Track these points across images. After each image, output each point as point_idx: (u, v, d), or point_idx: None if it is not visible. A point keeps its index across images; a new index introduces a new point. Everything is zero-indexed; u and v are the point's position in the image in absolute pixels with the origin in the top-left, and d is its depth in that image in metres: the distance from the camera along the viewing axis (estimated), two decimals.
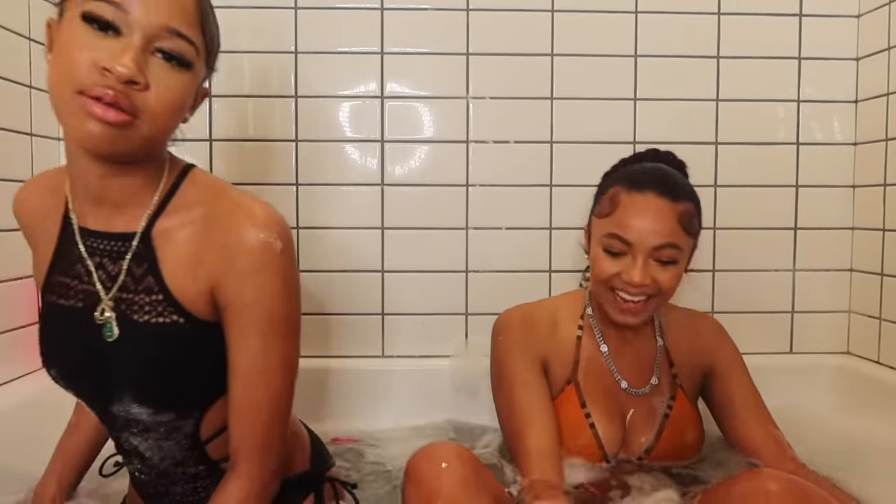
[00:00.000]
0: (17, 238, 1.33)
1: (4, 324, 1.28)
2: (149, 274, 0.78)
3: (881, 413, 1.40)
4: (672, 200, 1.02)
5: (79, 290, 0.80)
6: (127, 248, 0.78)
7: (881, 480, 1.17)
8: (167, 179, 0.81)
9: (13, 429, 1.16)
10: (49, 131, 1.46)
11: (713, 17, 1.56)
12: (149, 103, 0.71)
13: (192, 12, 0.74)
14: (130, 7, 0.69)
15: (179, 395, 0.80)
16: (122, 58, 0.68)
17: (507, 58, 1.53)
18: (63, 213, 0.82)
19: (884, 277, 1.49)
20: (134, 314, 0.78)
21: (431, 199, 1.54)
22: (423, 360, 1.54)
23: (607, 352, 1.13)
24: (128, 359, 0.78)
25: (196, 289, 0.78)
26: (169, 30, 0.71)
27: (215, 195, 0.80)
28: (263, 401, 0.80)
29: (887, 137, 1.48)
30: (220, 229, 0.77)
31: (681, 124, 1.56)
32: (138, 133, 0.71)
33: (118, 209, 0.79)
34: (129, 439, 0.85)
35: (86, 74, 0.68)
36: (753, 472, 0.85)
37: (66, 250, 0.81)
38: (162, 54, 0.71)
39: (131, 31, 0.69)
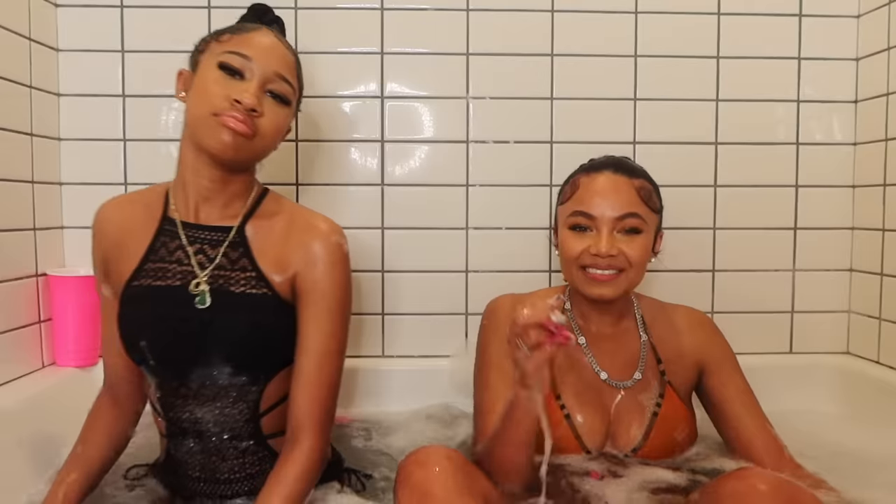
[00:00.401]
0: (17, 238, 1.34)
1: (4, 324, 1.28)
2: (243, 257, 1.00)
3: (881, 413, 1.41)
4: (629, 177, 1.10)
5: (177, 271, 0.99)
6: (224, 237, 1.01)
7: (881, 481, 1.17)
8: (255, 191, 1.06)
9: (13, 429, 1.16)
10: (49, 131, 1.46)
11: (713, 17, 1.56)
12: (262, 127, 0.96)
13: (293, 64, 1.02)
14: (254, 58, 0.96)
15: (259, 355, 0.98)
16: (247, 93, 0.94)
17: (507, 58, 1.53)
18: (160, 218, 1.03)
19: (884, 277, 1.49)
20: (231, 286, 0.98)
21: (431, 199, 1.54)
22: (423, 360, 1.54)
23: (585, 343, 1.14)
24: (223, 322, 0.96)
25: (281, 274, 1.00)
26: (278, 75, 0.98)
27: (292, 209, 1.06)
28: (326, 380, 0.99)
29: (887, 137, 1.48)
30: (302, 233, 1.01)
31: (681, 124, 1.56)
32: (253, 146, 0.97)
33: (220, 209, 1.02)
34: (193, 412, 0.99)
35: (220, 103, 0.93)
36: (743, 472, 0.85)
37: (163, 243, 1.01)
38: (271, 94, 0.98)
39: (253, 75, 0.96)
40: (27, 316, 1.35)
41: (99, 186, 1.50)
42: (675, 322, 1.19)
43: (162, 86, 1.50)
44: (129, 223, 1.03)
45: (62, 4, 1.48)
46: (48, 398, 1.28)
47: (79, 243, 1.50)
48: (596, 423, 1.09)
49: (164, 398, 1.00)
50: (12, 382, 1.29)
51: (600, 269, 1.07)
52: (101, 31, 1.49)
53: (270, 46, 0.99)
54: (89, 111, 1.50)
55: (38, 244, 1.40)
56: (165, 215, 1.03)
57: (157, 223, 1.03)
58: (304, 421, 0.97)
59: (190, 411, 0.99)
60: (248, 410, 1.00)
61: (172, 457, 1.03)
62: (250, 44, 0.97)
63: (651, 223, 1.11)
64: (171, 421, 1.01)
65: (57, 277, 1.39)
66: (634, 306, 1.19)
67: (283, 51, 1.00)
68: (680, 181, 1.57)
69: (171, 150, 1.51)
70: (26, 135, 1.37)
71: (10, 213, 1.32)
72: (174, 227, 1.02)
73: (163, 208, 1.04)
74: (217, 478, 1.01)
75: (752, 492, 0.80)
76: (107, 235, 1.04)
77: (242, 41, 0.97)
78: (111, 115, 1.50)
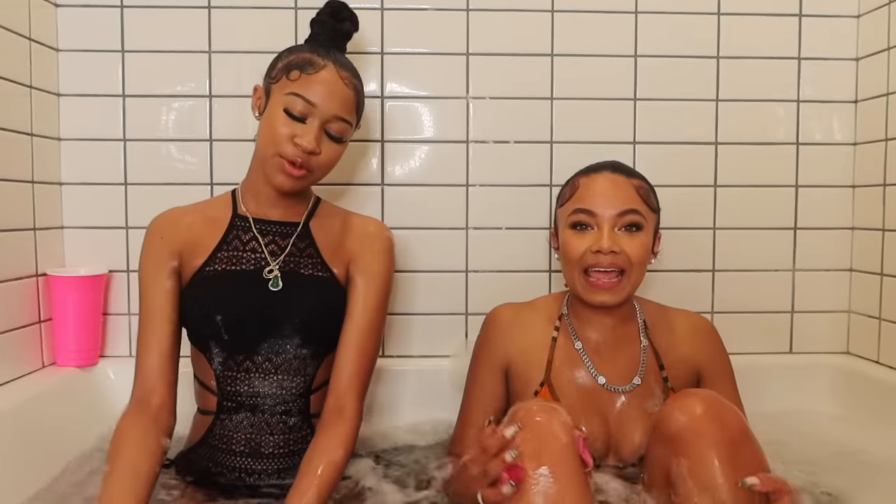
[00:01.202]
0: (17, 238, 1.34)
1: (4, 324, 1.28)
2: (310, 247, 1.15)
3: (881, 413, 1.41)
4: (627, 176, 1.12)
5: (251, 258, 1.12)
6: (292, 231, 1.16)
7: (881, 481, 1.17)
8: (313, 198, 1.22)
9: (13, 429, 1.16)
10: (49, 131, 1.46)
11: (713, 17, 1.56)
12: (319, 163, 1.10)
13: (352, 102, 1.12)
14: (316, 102, 1.07)
15: (323, 328, 1.11)
16: (308, 137, 1.07)
17: (507, 58, 1.53)
18: (231, 216, 1.16)
19: (884, 277, 1.49)
20: (301, 269, 1.13)
21: (431, 199, 1.55)
22: (423, 360, 1.54)
23: (582, 348, 1.14)
24: (295, 297, 1.10)
25: (338, 262, 1.15)
26: (336, 117, 1.09)
27: (345, 213, 1.22)
28: (369, 351, 1.12)
29: (887, 137, 1.48)
30: (357, 228, 1.19)
31: (681, 124, 1.56)
32: (310, 180, 1.12)
33: (286, 208, 1.16)
34: (253, 384, 1.09)
35: (284, 144, 1.07)
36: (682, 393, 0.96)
37: (235, 235, 1.14)
38: (329, 136, 1.10)
39: (314, 118, 1.08)
40: (27, 316, 1.35)
41: (99, 186, 1.50)
42: (677, 327, 1.19)
43: (162, 86, 1.50)
44: (196, 225, 1.15)
45: (62, 4, 1.48)
46: (48, 398, 1.28)
47: (79, 243, 1.50)
48: (596, 429, 1.08)
49: (225, 372, 1.09)
50: (12, 382, 1.29)
51: (603, 268, 1.07)
52: (101, 31, 1.48)
53: (332, 89, 1.09)
54: (89, 111, 1.50)
55: (38, 244, 1.40)
56: (236, 212, 1.16)
57: (229, 219, 1.15)
58: (348, 387, 1.08)
59: (249, 384, 1.09)
60: (304, 385, 1.11)
61: (216, 434, 1.10)
62: (313, 88, 1.07)
63: (650, 222, 1.12)
64: (227, 395, 1.09)
65: (57, 277, 1.39)
66: (637, 311, 1.19)
67: (343, 91, 1.10)
68: (680, 181, 1.57)
69: (171, 151, 1.51)
70: (26, 135, 1.37)
71: (10, 213, 1.32)
72: (246, 222, 1.15)
73: (232, 208, 1.17)
74: (261, 452, 1.08)
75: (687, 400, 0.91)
76: (177, 234, 1.13)
77: (307, 84, 1.07)
78: (111, 115, 1.50)
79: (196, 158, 1.51)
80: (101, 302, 1.46)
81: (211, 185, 1.51)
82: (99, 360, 1.46)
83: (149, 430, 1.02)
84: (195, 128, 1.51)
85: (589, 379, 1.12)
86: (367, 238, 1.17)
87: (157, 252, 1.12)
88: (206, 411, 1.12)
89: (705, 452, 0.85)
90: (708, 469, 0.84)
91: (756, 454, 0.87)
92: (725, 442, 0.85)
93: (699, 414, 0.88)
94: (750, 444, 0.87)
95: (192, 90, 1.50)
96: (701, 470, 0.85)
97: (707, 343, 1.19)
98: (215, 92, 1.51)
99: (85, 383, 1.39)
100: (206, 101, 1.51)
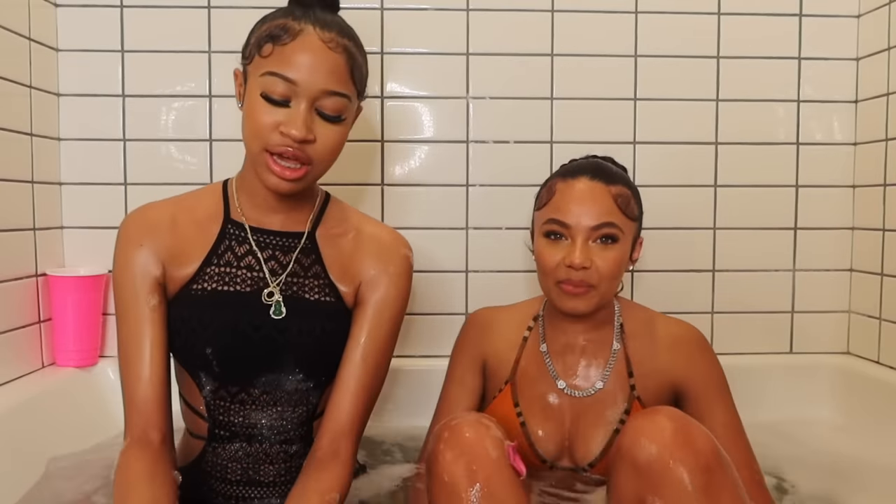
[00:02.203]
0: (16, 238, 1.33)
1: (4, 324, 1.28)
2: (316, 264, 0.99)
3: (881, 413, 1.41)
4: (606, 183, 1.05)
5: (246, 277, 0.97)
6: (296, 244, 0.99)
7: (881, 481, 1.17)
8: (320, 197, 1.04)
9: (13, 429, 1.16)
10: (49, 131, 1.46)
11: (713, 17, 1.56)
12: (317, 152, 0.91)
13: (344, 68, 0.91)
14: (297, 79, 0.88)
15: (329, 362, 0.98)
16: (296, 122, 0.88)
17: (507, 58, 1.53)
18: (221, 222, 0.99)
19: (884, 277, 1.49)
20: (305, 293, 0.98)
21: (431, 199, 1.54)
22: (423, 360, 1.54)
23: (546, 350, 1.13)
24: (301, 331, 0.95)
25: (347, 282, 1.00)
26: (326, 92, 0.89)
27: (359, 218, 1.06)
28: (371, 389, 0.98)
29: (887, 137, 1.48)
30: (371, 242, 1.02)
31: (681, 124, 1.56)
32: (310, 176, 0.93)
33: (288, 213, 1.00)
34: (249, 416, 0.97)
35: (269, 135, 0.88)
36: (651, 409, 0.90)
37: (228, 246, 0.98)
38: (322, 116, 0.91)
39: (299, 99, 0.88)
40: (27, 316, 1.35)
41: (99, 186, 1.50)
42: (658, 336, 1.12)
43: (162, 86, 1.50)
44: (181, 227, 0.98)
45: (62, 4, 1.48)
46: (48, 398, 1.28)
47: (78, 243, 1.50)
48: (551, 433, 1.07)
49: (217, 401, 0.97)
50: (12, 382, 1.29)
51: (573, 281, 1.03)
52: (101, 31, 1.48)
53: (314, 59, 0.88)
54: (89, 111, 1.49)
55: (38, 244, 1.40)
56: (229, 216, 0.99)
57: (220, 225, 0.98)
58: (346, 430, 0.95)
59: (245, 416, 0.97)
60: (306, 414, 1.00)
61: (209, 461, 0.99)
62: (291, 61, 0.88)
63: (628, 232, 1.06)
64: (219, 424, 0.98)
65: (57, 277, 1.39)
66: (615, 315, 1.14)
67: (328, 57, 0.89)
68: (680, 181, 1.57)
69: (171, 150, 1.51)
70: (26, 135, 1.37)
71: (10, 213, 1.32)
72: (242, 230, 0.98)
73: (223, 209, 0.99)
74: (260, 481, 0.98)
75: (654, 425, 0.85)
76: (158, 240, 0.96)
77: (283, 58, 0.88)
78: (111, 115, 1.50)
79: (196, 158, 1.51)
80: (101, 302, 1.46)
81: None
82: (99, 360, 1.46)
83: (157, 464, 0.89)
84: (195, 128, 1.51)
85: (549, 381, 1.10)
86: (383, 257, 1.01)
87: (137, 263, 0.95)
88: (197, 435, 1.00)
89: (681, 488, 0.80)
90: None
91: (730, 479, 0.83)
92: (700, 470, 0.81)
93: (669, 441, 0.82)
94: (724, 469, 0.83)
95: (192, 90, 1.50)
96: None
97: (689, 358, 1.09)
98: (215, 92, 1.51)
99: (85, 383, 1.39)
100: (206, 101, 1.51)
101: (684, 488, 0.80)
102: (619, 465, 0.87)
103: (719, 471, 0.82)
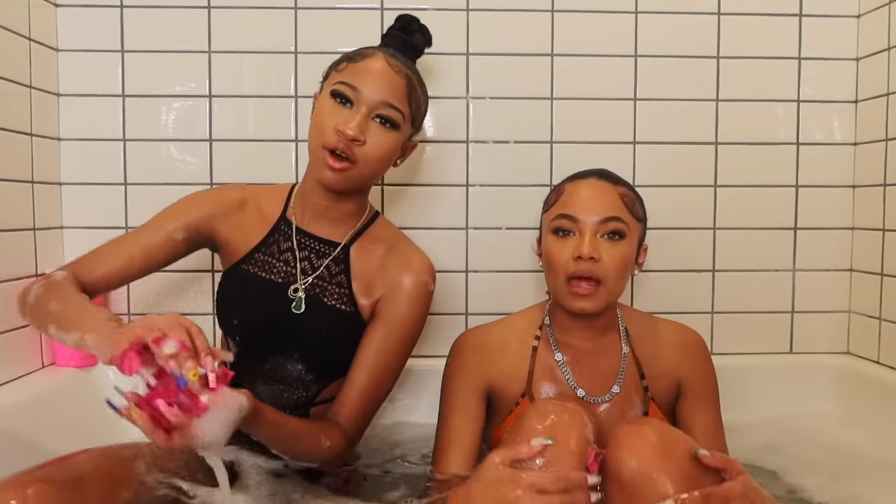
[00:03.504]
0: (16, 238, 1.33)
1: (4, 324, 1.28)
2: (342, 274, 1.10)
3: (881, 413, 1.41)
4: (612, 183, 1.11)
5: (281, 269, 1.10)
6: (330, 252, 1.11)
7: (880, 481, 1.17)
8: (367, 214, 1.16)
9: (13, 429, 1.16)
10: (49, 131, 1.46)
11: (713, 17, 1.56)
12: (364, 154, 1.03)
13: (402, 90, 1.06)
14: (361, 88, 1.03)
15: (331, 363, 1.08)
16: (351, 123, 1.01)
17: (507, 58, 1.53)
18: (279, 216, 1.13)
19: (884, 277, 1.49)
20: (324, 297, 1.09)
21: (431, 199, 1.54)
22: (424, 359, 1.54)
23: (562, 360, 1.13)
24: (310, 328, 1.06)
25: (368, 298, 1.10)
26: (384, 103, 1.04)
27: (396, 237, 1.17)
28: (375, 390, 1.09)
29: (887, 137, 1.48)
30: (399, 263, 1.12)
31: (681, 124, 1.56)
32: (355, 174, 1.04)
33: (331, 224, 1.12)
34: (255, 385, 1.08)
35: (329, 133, 1.02)
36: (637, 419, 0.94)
37: (276, 240, 1.12)
38: (379, 119, 1.04)
39: (360, 104, 1.03)
40: None
41: (99, 186, 1.50)
42: (663, 338, 1.17)
43: (162, 86, 1.50)
44: (249, 209, 1.14)
45: (62, 4, 1.48)
46: (48, 398, 1.28)
47: (79, 243, 1.49)
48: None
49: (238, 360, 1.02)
50: (12, 382, 1.29)
51: (583, 276, 1.05)
52: (101, 31, 1.48)
53: (379, 74, 1.04)
54: (89, 111, 1.49)
55: (38, 244, 1.40)
56: (284, 215, 1.14)
57: (276, 219, 1.14)
58: (349, 413, 1.07)
59: (252, 384, 1.08)
60: (305, 399, 1.10)
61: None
62: (360, 74, 1.04)
63: (634, 231, 1.09)
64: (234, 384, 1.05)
65: None
66: (619, 319, 1.17)
67: (392, 77, 1.05)
68: (680, 181, 1.57)
69: (171, 151, 1.51)
70: (26, 135, 1.37)
71: (10, 213, 1.32)
72: (290, 228, 1.13)
73: (283, 207, 1.14)
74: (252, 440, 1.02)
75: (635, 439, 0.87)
76: (224, 208, 1.13)
77: (354, 71, 1.04)
78: (111, 115, 1.50)
79: (196, 158, 1.51)
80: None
81: (211, 185, 1.51)
82: (98, 362, 1.46)
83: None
84: (195, 128, 1.51)
85: (567, 391, 1.11)
86: (402, 280, 1.10)
87: (191, 210, 1.12)
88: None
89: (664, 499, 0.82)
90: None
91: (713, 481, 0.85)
92: (680, 480, 0.82)
93: (649, 455, 0.84)
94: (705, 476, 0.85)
95: (192, 90, 1.50)
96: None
97: (692, 358, 1.15)
98: (215, 92, 1.51)
99: (85, 383, 1.39)
100: (206, 102, 1.51)
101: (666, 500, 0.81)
102: (606, 479, 0.88)
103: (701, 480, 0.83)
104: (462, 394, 1.13)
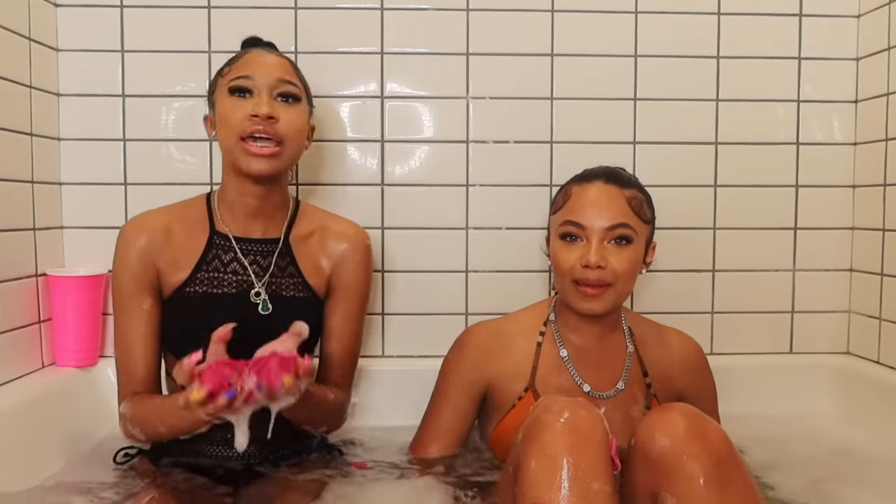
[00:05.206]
0: (16, 238, 1.33)
1: (4, 324, 1.28)
2: (290, 265, 1.16)
3: (881, 413, 1.41)
4: (620, 187, 1.10)
5: (232, 281, 1.13)
6: (273, 248, 1.15)
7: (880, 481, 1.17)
8: (292, 203, 1.20)
9: (13, 429, 1.16)
10: (49, 131, 1.46)
11: (713, 17, 1.56)
12: (284, 130, 1.07)
13: (289, 66, 1.14)
14: (254, 75, 1.08)
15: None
16: (259, 104, 1.06)
17: (507, 58, 1.53)
18: (209, 234, 1.14)
19: (884, 277, 1.49)
20: (283, 291, 1.14)
21: (431, 199, 1.54)
22: (423, 360, 1.54)
23: (567, 355, 1.14)
24: (279, 321, 1.04)
25: (318, 276, 1.17)
26: (281, 80, 1.09)
27: (324, 216, 1.23)
28: (353, 351, 1.21)
29: (887, 137, 1.48)
30: (337, 237, 1.19)
31: (681, 124, 1.56)
32: (284, 153, 1.08)
33: (266, 222, 1.15)
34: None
35: (241, 123, 1.06)
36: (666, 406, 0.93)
37: (215, 255, 1.13)
38: (281, 97, 1.09)
39: (260, 90, 1.08)
40: (27, 316, 1.35)
41: (99, 186, 1.50)
42: (670, 344, 1.20)
43: (162, 86, 1.50)
44: (175, 236, 1.13)
45: (62, 4, 1.48)
46: (48, 398, 1.28)
47: (78, 243, 1.50)
48: None
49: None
50: (12, 382, 1.29)
51: (590, 280, 1.06)
52: (101, 31, 1.48)
53: (266, 60, 1.11)
54: (89, 111, 1.49)
55: (38, 244, 1.39)
56: (214, 229, 1.14)
57: (207, 236, 1.14)
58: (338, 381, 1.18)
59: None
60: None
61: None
62: (248, 65, 1.10)
63: (642, 234, 1.11)
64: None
65: (56, 277, 1.39)
66: (622, 319, 1.19)
67: (278, 60, 1.13)
68: (680, 181, 1.57)
69: (171, 151, 1.51)
70: (26, 135, 1.37)
71: (10, 213, 1.32)
72: (227, 240, 1.14)
73: (209, 222, 1.15)
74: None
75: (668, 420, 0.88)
76: (155, 245, 1.12)
77: (241, 65, 1.10)
78: (111, 115, 1.50)
79: (196, 158, 1.51)
80: (101, 302, 1.46)
81: (211, 185, 1.51)
82: (99, 361, 1.46)
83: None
84: (195, 128, 1.50)
85: (573, 385, 1.12)
86: (346, 249, 1.19)
87: (136, 266, 1.11)
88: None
89: (693, 482, 0.82)
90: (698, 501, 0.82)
91: (742, 472, 0.85)
92: (712, 464, 0.82)
93: (681, 434, 0.85)
94: (735, 463, 0.85)
95: (192, 90, 1.50)
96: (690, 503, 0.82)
97: (698, 374, 1.21)
98: None
99: (85, 383, 1.39)
100: (206, 101, 1.50)
101: (696, 482, 0.82)
102: (633, 459, 0.89)
103: (731, 465, 0.84)
104: (457, 390, 1.16)
